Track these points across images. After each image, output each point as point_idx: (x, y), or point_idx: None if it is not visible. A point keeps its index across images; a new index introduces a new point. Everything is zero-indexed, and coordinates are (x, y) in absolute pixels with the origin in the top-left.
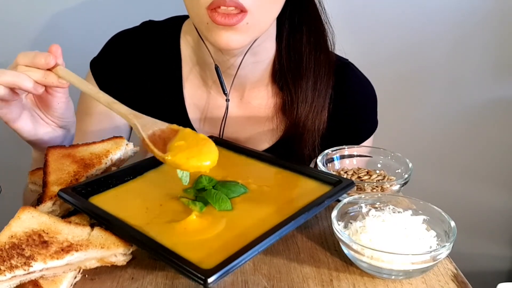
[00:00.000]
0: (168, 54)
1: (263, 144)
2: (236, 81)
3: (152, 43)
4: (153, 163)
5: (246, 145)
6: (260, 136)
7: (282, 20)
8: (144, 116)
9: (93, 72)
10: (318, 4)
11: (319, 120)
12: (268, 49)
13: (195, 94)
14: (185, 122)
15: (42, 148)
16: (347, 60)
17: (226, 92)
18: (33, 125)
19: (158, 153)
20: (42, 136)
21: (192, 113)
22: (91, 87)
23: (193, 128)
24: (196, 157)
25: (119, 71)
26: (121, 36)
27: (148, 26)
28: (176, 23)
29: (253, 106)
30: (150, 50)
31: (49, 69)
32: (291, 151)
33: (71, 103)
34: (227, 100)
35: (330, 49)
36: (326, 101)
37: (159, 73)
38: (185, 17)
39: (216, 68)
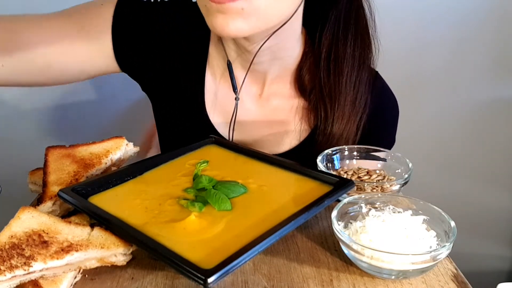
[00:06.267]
0: (199, 34)
1: (279, 147)
2: (256, 75)
3: (188, 17)
4: (153, 163)
5: (261, 145)
6: (276, 138)
7: (323, 27)
8: None
9: (117, 9)
10: (368, 15)
11: (349, 133)
12: (289, 49)
13: (216, 82)
14: (200, 108)
15: None
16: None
17: (236, 90)
18: None
19: None
20: None
21: (210, 101)
22: None
23: (206, 115)
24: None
25: (146, 26)
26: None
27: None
28: None
29: (273, 106)
30: (184, 23)
31: None
32: (308, 157)
33: None
34: (236, 99)
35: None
36: (362, 116)
37: (187, 50)
38: None
39: (228, 64)
